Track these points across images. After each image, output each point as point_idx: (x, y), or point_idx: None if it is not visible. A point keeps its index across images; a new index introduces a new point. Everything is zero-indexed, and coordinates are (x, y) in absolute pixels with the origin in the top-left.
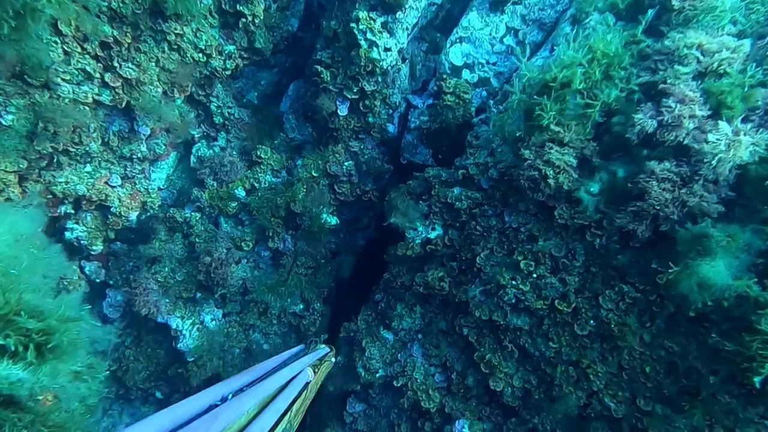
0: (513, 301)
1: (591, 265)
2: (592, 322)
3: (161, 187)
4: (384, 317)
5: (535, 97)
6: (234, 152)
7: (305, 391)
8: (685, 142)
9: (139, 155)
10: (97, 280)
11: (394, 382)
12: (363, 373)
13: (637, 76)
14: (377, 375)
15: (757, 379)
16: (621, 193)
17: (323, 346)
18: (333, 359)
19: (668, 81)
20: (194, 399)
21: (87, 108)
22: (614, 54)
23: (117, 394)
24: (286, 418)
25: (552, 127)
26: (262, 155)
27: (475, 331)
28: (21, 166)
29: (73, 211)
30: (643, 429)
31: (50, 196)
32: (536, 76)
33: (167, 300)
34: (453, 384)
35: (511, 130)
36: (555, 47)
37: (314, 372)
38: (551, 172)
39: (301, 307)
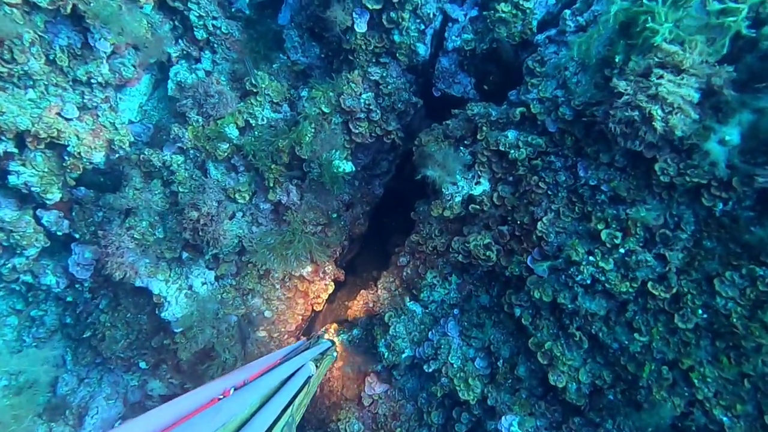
0: (588, 281)
1: (704, 238)
2: (700, 312)
3: (132, 120)
4: (410, 286)
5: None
6: (222, 78)
7: (307, 386)
8: None
9: (99, 79)
10: (59, 233)
11: (425, 367)
12: (386, 354)
13: None
14: (403, 356)
15: None
16: (766, 140)
17: (325, 340)
18: (335, 354)
19: None
20: (196, 393)
21: (15, 11)
22: None
23: (93, 362)
24: (288, 411)
25: (665, 45)
26: (259, 83)
27: (529, 312)
28: None
29: (16, 150)
30: None
31: None
32: None
33: (147, 260)
34: (498, 372)
35: (600, 53)
36: None
37: (316, 366)
38: (659, 111)
39: (309, 269)
